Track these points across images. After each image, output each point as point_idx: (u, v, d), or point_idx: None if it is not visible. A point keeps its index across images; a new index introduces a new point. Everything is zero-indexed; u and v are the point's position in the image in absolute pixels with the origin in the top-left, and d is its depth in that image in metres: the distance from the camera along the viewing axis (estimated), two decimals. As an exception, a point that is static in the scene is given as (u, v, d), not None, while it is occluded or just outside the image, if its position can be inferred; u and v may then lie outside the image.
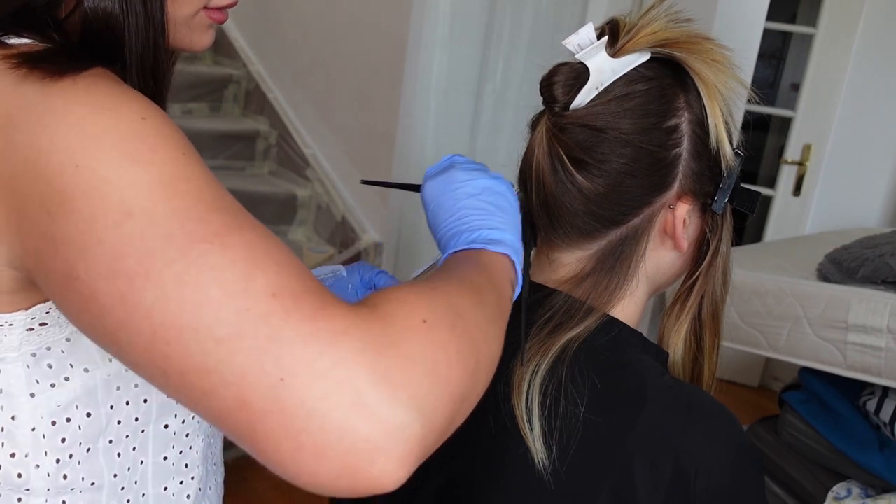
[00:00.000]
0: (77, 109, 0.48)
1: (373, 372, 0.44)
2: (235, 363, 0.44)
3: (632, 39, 0.70)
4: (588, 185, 0.72)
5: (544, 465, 0.68)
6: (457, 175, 0.68)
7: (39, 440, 0.58)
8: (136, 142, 0.48)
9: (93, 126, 0.48)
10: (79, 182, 0.47)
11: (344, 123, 3.02)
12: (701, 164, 0.74)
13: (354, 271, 0.85)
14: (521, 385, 0.69)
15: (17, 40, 0.53)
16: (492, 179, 0.68)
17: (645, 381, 0.70)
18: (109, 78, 0.52)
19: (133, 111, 0.50)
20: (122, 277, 0.45)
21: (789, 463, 1.83)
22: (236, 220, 0.48)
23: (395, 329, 0.47)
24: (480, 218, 0.65)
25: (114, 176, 0.47)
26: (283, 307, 0.45)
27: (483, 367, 0.52)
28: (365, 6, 2.86)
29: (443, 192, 0.68)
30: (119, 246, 0.46)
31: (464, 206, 0.66)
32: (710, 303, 0.78)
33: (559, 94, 0.72)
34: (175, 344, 0.45)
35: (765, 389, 3.44)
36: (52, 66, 0.50)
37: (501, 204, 0.67)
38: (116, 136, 0.48)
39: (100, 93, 0.50)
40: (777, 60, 4.54)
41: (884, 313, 1.57)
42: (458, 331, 0.50)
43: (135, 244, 0.46)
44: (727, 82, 0.72)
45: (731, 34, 1.75)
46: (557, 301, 0.74)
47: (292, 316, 0.45)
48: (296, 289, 0.46)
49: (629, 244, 0.75)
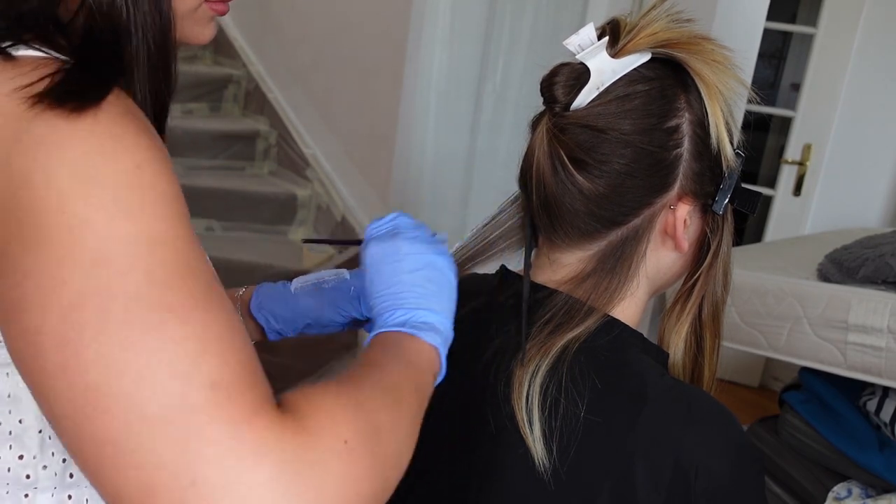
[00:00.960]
0: (77, 147, 0.48)
1: (285, 497, 0.44)
2: (155, 450, 0.43)
3: (632, 40, 0.70)
4: (588, 185, 0.72)
5: (544, 465, 0.68)
6: (401, 246, 0.68)
7: (46, 441, 0.58)
8: (127, 193, 0.48)
9: (88, 169, 0.47)
10: (61, 221, 0.46)
11: (344, 123, 3.02)
12: (702, 164, 0.74)
13: (358, 276, 0.84)
14: (521, 385, 0.69)
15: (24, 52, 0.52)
16: (434, 255, 0.68)
17: (645, 381, 0.70)
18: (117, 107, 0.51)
19: (131, 157, 0.49)
20: (74, 325, 0.45)
21: (789, 463, 1.83)
22: (203, 295, 0.48)
23: (316, 450, 0.46)
24: (416, 297, 0.65)
25: (96, 223, 0.46)
26: (217, 403, 0.44)
27: (391, 484, 0.54)
28: (365, 6, 2.86)
29: (383, 261, 0.68)
30: (81, 293, 0.45)
31: (401, 282, 0.66)
32: (710, 303, 0.78)
33: (560, 95, 0.72)
34: (101, 408, 0.44)
35: (765, 389, 3.44)
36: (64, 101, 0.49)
37: (440, 282, 0.67)
38: (108, 184, 0.47)
39: (102, 131, 0.49)
40: (777, 60, 4.54)
41: (884, 313, 1.57)
42: (377, 457, 0.51)
43: (98, 295, 0.45)
44: (728, 83, 0.72)
45: (731, 34, 1.75)
46: (558, 301, 0.74)
47: (223, 414, 0.44)
48: (236, 385, 0.46)
49: (630, 245, 0.75)
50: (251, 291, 0.87)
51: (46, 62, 0.52)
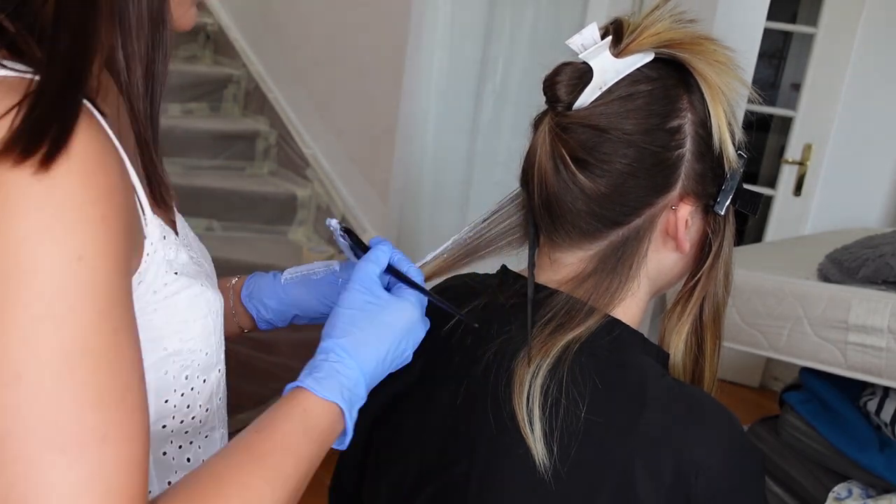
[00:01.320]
0: (22, 225, 0.46)
1: None
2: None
3: (635, 40, 0.70)
4: (590, 185, 0.72)
5: (545, 465, 0.68)
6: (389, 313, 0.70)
7: None
8: (59, 293, 0.47)
9: (27, 256, 0.46)
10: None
11: (344, 123, 3.02)
12: (704, 165, 0.73)
13: (348, 269, 0.85)
14: (521, 385, 0.69)
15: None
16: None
17: (646, 381, 0.70)
18: (77, 158, 0.49)
19: (74, 246, 0.48)
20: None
21: (790, 463, 1.83)
22: (108, 424, 0.48)
23: None
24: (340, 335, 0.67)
25: (21, 325, 0.46)
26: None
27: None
28: (365, 6, 2.86)
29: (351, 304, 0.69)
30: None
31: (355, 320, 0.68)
32: (711, 304, 0.78)
33: (562, 94, 0.72)
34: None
35: (765, 390, 3.44)
36: (19, 160, 0.47)
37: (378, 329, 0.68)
38: (42, 279, 0.47)
39: (55, 204, 0.47)
40: (778, 60, 4.54)
41: (884, 313, 1.57)
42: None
43: (9, 413, 0.46)
44: (730, 83, 0.72)
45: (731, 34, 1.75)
46: (559, 301, 0.74)
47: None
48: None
49: (631, 245, 0.74)
50: (243, 281, 0.88)
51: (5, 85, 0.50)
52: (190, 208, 2.98)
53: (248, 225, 3.12)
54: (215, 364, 0.70)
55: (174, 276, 0.63)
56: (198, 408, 0.69)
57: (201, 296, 0.65)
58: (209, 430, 0.73)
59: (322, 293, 0.85)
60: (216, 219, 3.08)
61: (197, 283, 0.65)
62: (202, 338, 0.66)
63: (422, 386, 0.80)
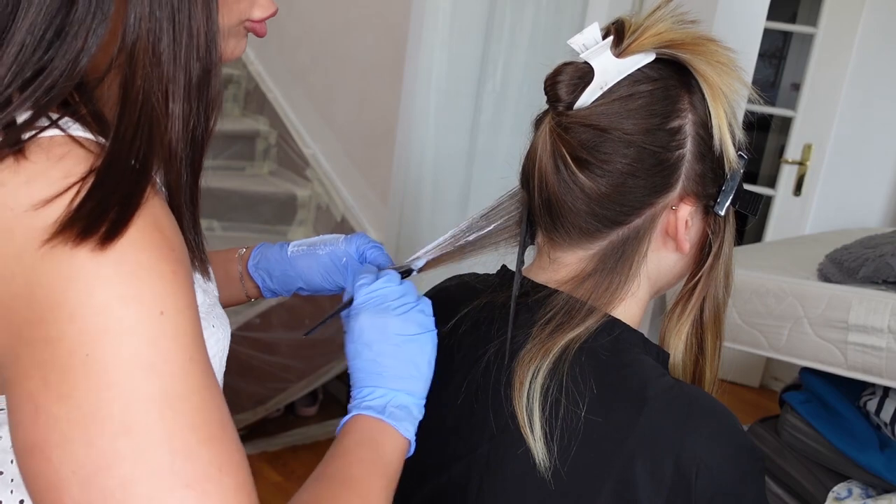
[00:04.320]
0: (101, 292, 0.48)
1: None
2: None
3: (637, 40, 0.70)
4: (591, 184, 0.72)
5: (545, 465, 0.68)
6: (389, 324, 0.70)
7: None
8: (150, 347, 0.49)
9: (111, 320, 0.48)
10: (87, 372, 0.47)
11: (344, 123, 3.01)
12: (704, 165, 0.74)
13: (352, 242, 0.87)
14: (522, 385, 0.69)
15: (50, 133, 0.51)
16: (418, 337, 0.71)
17: (646, 381, 0.70)
18: (143, 228, 0.50)
19: (156, 303, 0.49)
20: (95, 489, 0.47)
21: (790, 463, 1.83)
22: (220, 455, 0.50)
23: None
24: (396, 378, 0.69)
25: (121, 381, 0.47)
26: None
27: None
28: (365, 5, 2.86)
29: (371, 335, 0.70)
30: (107, 459, 0.47)
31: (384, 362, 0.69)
32: (711, 305, 0.78)
33: (563, 94, 0.72)
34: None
35: (765, 390, 3.44)
36: (86, 236, 0.48)
37: (420, 362, 0.70)
38: (132, 338, 0.48)
39: (127, 272, 0.48)
40: (777, 60, 4.54)
41: (884, 313, 1.56)
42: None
43: (123, 466, 0.47)
44: (731, 84, 0.72)
45: (731, 34, 1.75)
46: (558, 301, 0.74)
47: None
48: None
49: (631, 245, 0.74)
50: (252, 250, 0.90)
51: (67, 150, 0.50)
52: (190, 208, 2.98)
53: (248, 225, 3.12)
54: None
55: None
56: None
57: (212, 337, 0.67)
58: None
59: (325, 268, 0.86)
60: (216, 219, 3.08)
61: (209, 323, 0.66)
62: None
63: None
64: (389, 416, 0.68)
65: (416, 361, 0.70)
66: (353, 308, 0.72)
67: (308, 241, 0.89)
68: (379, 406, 0.68)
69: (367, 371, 0.69)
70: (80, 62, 0.52)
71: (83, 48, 0.52)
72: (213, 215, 3.06)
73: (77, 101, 0.53)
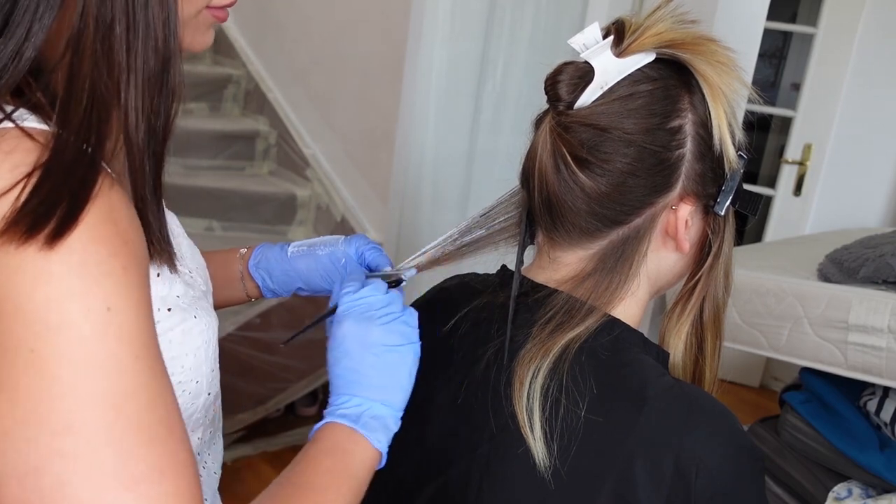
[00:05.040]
0: (47, 290, 0.47)
1: None
2: None
3: (637, 40, 0.70)
4: (591, 184, 0.72)
5: (545, 465, 0.68)
6: (371, 332, 0.70)
7: None
8: (95, 345, 0.48)
9: (57, 315, 0.47)
10: (31, 368, 0.47)
11: (344, 123, 3.01)
12: (704, 165, 0.74)
13: (352, 243, 0.87)
14: (522, 385, 0.69)
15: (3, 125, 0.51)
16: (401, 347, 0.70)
17: (645, 381, 0.70)
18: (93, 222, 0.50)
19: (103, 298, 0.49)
20: (32, 487, 0.46)
21: (790, 463, 1.83)
22: (163, 458, 0.50)
23: None
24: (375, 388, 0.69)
25: (64, 378, 0.47)
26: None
27: None
28: (365, 6, 2.86)
29: (352, 343, 0.70)
30: (45, 457, 0.46)
31: (364, 371, 0.69)
32: (711, 305, 0.78)
33: (563, 93, 0.72)
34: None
35: (765, 390, 3.44)
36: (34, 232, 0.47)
37: (400, 373, 0.70)
38: (78, 335, 0.48)
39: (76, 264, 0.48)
40: (778, 60, 4.54)
41: (884, 313, 1.56)
42: None
43: (60, 464, 0.47)
44: (731, 84, 0.72)
45: (731, 34, 1.75)
46: (558, 301, 0.74)
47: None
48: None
49: (631, 244, 0.74)
50: (252, 250, 0.91)
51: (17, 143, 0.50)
52: (190, 208, 2.98)
53: (247, 225, 3.12)
54: (206, 389, 0.71)
55: (167, 312, 0.64)
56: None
57: (195, 327, 0.67)
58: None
59: (325, 269, 0.87)
60: (216, 219, 3.08)
61: (190, 314, 0.66)
62: (194, 368, 0.67)
63: (422, 385, 0.80)
64: (363, 426, 0.67)
65: (397, 372, 0.70)
66: (337, 315, 0.72)
67: (308, 241, 0.90)
68: (354, 415, 0.68)
69: (346, 379, 0.69)
70: (25, 51, 0.51)
71: (27, 36, 0.51)
72: (212, 215, 3.06)
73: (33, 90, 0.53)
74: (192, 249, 0.78)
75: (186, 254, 0.75)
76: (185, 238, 0.78)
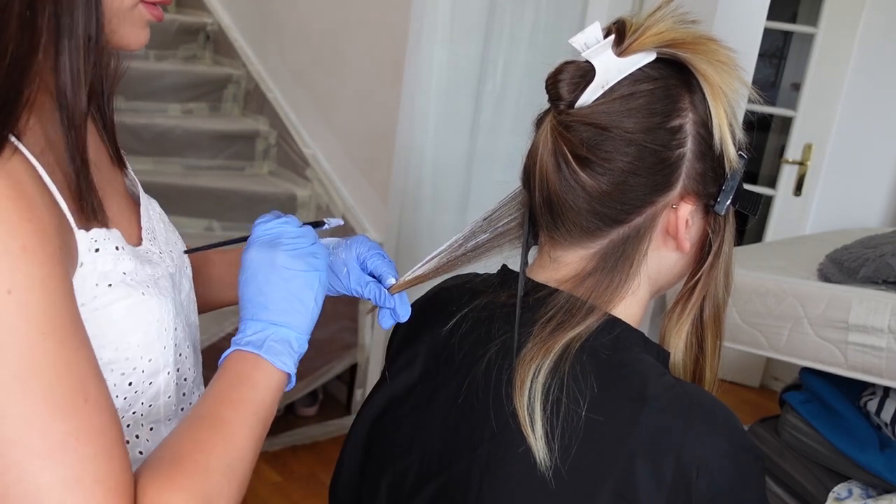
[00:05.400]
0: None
1: None
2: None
3: (638, 39, 0.70)
4: (592, 183, 0.72)
5: (546, 464, 0.68)
6: (276, 258, 0.72)
7: None
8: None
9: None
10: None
11: (344, 123, 3.01)
12: (704, 164, 0.74)
13: (352, 247, 0.87)
14: (523, 384, 0.69)
15: None
16: (304, 272, 0.72)
17: (646, 380, 0.70)
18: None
19: (1, 280, 0.51)
20: None
21: (790, 463, 1.83)
22: (78, 425, 0.53)
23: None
24: (277, 312, 0.71)
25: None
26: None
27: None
28: (365, 6, 2.86)
29: (258, 269, 0.73)
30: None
31: (268, 294, 0.71)
32: (711, 304, 0.78)
33: (564, 92, 0.72)
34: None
35: (765, 390, 3.44)
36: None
37: (304, 298, 0.72)
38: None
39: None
40: (778, 60, 4.54)
41: (884, 313, 1.56)
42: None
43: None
44: (732, 84, 0.72)
45: (731, 34, 1.75)
46: (559, 300, 0.74)
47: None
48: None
49: (631, 243, 0.74)
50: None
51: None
52: (190, 208, 2.98)
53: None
54: (163, 367, 0.72)
55: (107, 287, 0.65)
56: (139, 405, 0.72)
57: (142, 304, 0.68)
58: (153, 422, 0.75)
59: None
60: (216, 219, 3.08)
61: (137, 292, 0.68)
62: (144, 346, 0.69)
63: (423, 385, 0.80)
64: (267, 350, 0.69)
65: (302, 296, 0.72)
66: (249, 241, 0.75)
67: None
68: (258, 341, 0.70)
69: (253, 302, 0.72)
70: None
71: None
72: (212, 215, 3.06)
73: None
74: (170, 233, 0.81)
75: (160, 236, 0.78)
76: (163, 222, 0.81)
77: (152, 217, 0.79)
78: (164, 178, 3.01)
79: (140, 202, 0.79)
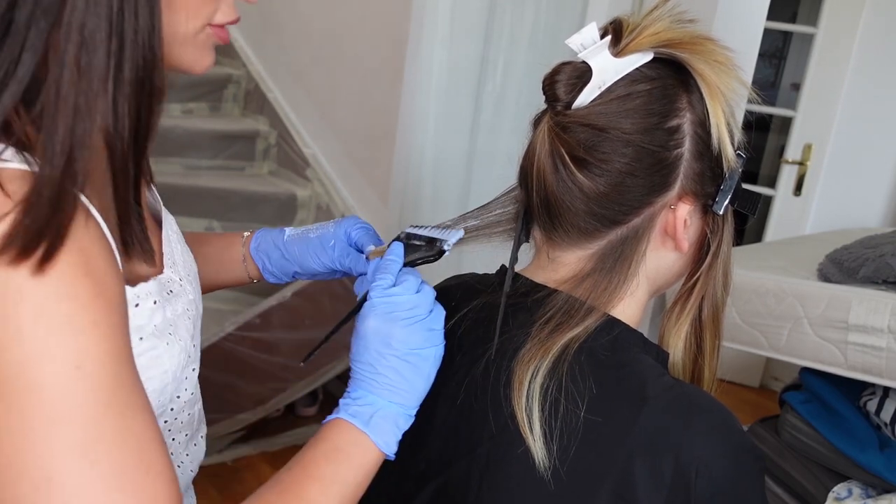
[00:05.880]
0: (17, 351, 0.50)
1: None
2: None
3: (635, 39, 0.70)
4: (589, 184, 0.72)
5: (545, 465, 0.68)
6: (394, 332, 0.70)
7: None
8: (64, 400, 0.51)
9: (30, 375, 0.50)
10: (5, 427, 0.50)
11: (344, 123, 3.01)
12: (702, 164, 0.74)
13: (341, 226, 0.88)
14: (521, 385, 0.69)
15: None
16: (420, 350, 0.70)
17: (645, 381, 0.70)
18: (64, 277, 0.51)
19: (73, 356, 0.51)
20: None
21: (790, 463, 1.83)
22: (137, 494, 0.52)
23: None
24: (388, 388, 0.69)
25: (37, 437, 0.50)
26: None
27: None
28: (365, 6, 2.86)
29: (375, 338, 0.70)
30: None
31: (382, 366, 0.69)
32: (710, 304, 0.78)
33: (561, 93, 0.72)
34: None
35: (765, 390, 3.44)
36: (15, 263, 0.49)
37: (417, 373, 0.70)
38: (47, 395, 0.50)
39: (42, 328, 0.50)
40: (778, 60, 4.54)
41: (884, 313, 1.56)
42: None
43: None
44: (729, 83, 0.72)
45: (731, 34, 1.75)
46: (557, 301, 0.74)
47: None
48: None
49: (629, 244, 0.74)
50: (254, 233, 0.94)
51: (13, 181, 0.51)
52: (190, 208, 2.98)
53: (248, 225, 3.12)
54: (168, 402, 0.72)
55: (139, 340, 0.64)
56: None
57: (164, 354, 0.67)
58: None
59: (315, 251, 0.89)
60: (216, 219, 3.08)
61: (163, 341, 0.67)
62: (157, 391, 0.68)
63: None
64: (373, 428, 0.68)
65: (415, 375, 0.70)
66: (364, 308, 0.72)
67: (305, 227, 0.92)
68: (365, 414, 0.68)
69: (365, 375, 0.70)
70: (4, 98, 0.52)
71: (7, 80, 0.52)
72: (212, 215, 3.06)
73: (22, 121, 0.54)
74: (186, 256, 0.79)
75: (179, 261, 0.75)
76: (181, 244, 0.78)
77: (171, 238, 0.76)
78: (164, 178, 3.01)
79: (162, 221, 0.77)
